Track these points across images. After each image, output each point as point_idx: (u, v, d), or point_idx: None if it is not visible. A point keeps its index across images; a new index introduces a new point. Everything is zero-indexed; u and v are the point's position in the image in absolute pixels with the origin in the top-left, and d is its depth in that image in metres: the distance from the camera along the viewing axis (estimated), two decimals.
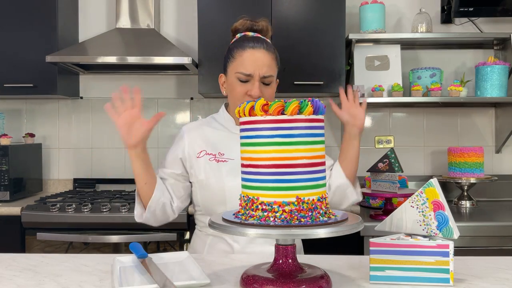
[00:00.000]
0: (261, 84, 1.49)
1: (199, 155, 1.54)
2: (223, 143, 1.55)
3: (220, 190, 1.50)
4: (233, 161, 1.51)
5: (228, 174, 1.50)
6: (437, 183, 1.12)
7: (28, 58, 2.81)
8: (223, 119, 1.60)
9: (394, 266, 1.10)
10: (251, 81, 1.49)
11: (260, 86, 1.48)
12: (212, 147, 1.55)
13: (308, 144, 1.02)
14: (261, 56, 1.49)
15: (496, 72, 2.78)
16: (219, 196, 1.50)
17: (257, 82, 1.48)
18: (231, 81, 1.52)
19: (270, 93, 1.52)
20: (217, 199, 1.51)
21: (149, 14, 2.97)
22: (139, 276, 1.16)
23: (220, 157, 1.53)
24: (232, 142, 1.52)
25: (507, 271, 1.22)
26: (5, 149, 2.71)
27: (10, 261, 1.34)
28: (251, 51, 1.49)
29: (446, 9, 3.06)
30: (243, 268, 1.17)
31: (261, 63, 1.48)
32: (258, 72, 1.48)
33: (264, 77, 1.49)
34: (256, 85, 1.48)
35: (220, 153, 1.54)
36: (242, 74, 1.49)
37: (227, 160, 1.52)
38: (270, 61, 1.50)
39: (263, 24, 1.57)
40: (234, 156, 1.51)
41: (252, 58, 1.48)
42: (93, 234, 2.46)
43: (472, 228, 2.34)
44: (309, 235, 0.97)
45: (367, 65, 2.94)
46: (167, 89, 3.19)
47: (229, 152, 1.53)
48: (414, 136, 3.16)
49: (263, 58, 1.49)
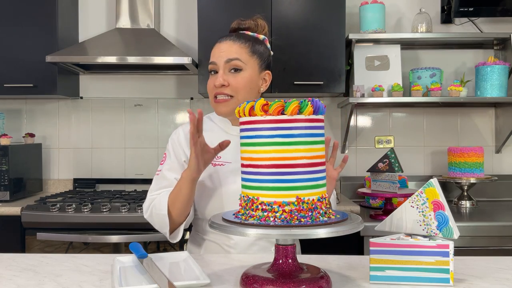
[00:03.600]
0: (228, 72, 1.45)
1: None
2: None
3: (217, 195, 1.47)
4: (230, 165, 1.48)
5: (225, 179, 1.46)
6: (437, 183, 1.12)
7: (28, 58, 2.81)
8: (219, 119, 1.56)
9: (394, 266, 1.10)
10: (218, 71, 1.46)
11: (224, 74, 1.45)
12: None
13: (308, 144, 1.02)
14: (226, 46, 1.46)
15: (496, 72, 2.78)
16: (216, 202, 1.47)
17: (221, 70, 1.45)
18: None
19: (239, 81, 1.44)
20: (214, 205, 1.47)
21: (149, 14, 2.97)
22: (139, 276, 1.16)
23: (217, 160, 1.49)
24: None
25: (507, 271, 1.22)
26: (5, 149, 2.71)
27: (10, 261, 1.34)
28: (217, 45, 1.49)
29: (446, 9, 3.06)
30: (243, 268, 1.17)
31: (225, 51, 1.45)
32: (221, 58, 1.45)
33: (229, 59, 1.44)
34: (219, 73, 1.45)
35: (217, 156, 1.48)
36: (210, 63, 1.48)
37: (224, 163, 1.49)
38: (237, 48, 1.45)
39: (249, 22, 1.55)
40: (231, 159, 1.48)
41: (217, 49, 1.47)
42: (93, 234, 2.46)
43: (472, 228, 2.34)
44: (309, 235, 0.97)
45: (367, 65, 2.94)
46: (167, 89, 3.19)
47: (226, 155, 1.48)
48: (414, 136, 3.16)
49: (228, 47, 1.46)
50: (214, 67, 1.47)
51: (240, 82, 1.45)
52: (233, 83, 1.44)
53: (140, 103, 3.18)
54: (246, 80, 1.46)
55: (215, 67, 1.47)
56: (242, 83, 1.45)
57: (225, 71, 1.45)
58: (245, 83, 1.45)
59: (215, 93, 1.46)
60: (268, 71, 1.53)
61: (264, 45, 1.52)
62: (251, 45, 1.47)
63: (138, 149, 3.18)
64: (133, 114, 3.18)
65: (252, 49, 1.47)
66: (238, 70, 1.45)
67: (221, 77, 1.44)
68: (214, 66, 1.47)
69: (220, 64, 1.45)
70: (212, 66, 1.48)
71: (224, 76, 1.44)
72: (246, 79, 1.45)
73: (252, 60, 1.47)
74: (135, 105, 3.18)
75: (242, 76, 1.45)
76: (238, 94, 1.45)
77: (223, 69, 1.45)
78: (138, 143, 3.19)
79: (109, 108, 3.18)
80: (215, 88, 1.45)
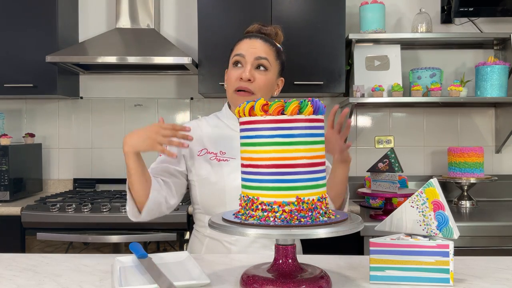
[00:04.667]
0: (254, 69, 1.47)
1: (199, 153, 1.53)
2: (225, 142, 1.53)
3: (220, 191, 1.48)
4: (235, 161, 1.49)
5: (229, 174, 1.48)
6: (437, 183, 1.12)
7: (28, 58, 2.81)
8: (226, 117, 1.59)
9: (394, 266, 1.10)
10: (244, 65, 1.47)
11: (252, 70, 1.47)
12: (214, 145, 1.53)
13: (308, 144, 1.02)
14: (257, 43, 1.49)
15: (496, 72, 2.78)
16: (219, 196, 1.48)
17: (249, 65, 1.47)
18: (229, 71, 1.52)
19: (263, 80, 1.48)
20: (217, 200, 1.49)
21: (149, 14, 2.97)
22: (139, 276, 1.16)
23: (222, 156, 1.51)
24: (234, 141, 1.50)
25: (507, 271, 1.22)
26: (5, 149, 2.71)
27: (10, 261, 1.34)
28: (246, 40, 1.51)
29: (446, 9, 3.06)
30: (243, 268, 1.17)
31: (257, 48, 1.48)
32: (252, 54, 1.47)
33: (259, 57, 1.47)
34: (247, 68, 1.46)
35: (221, 151, 1.51)
36: (236, 55, 1.49)
37: (228, 159, 1.50)
38: (266, 48, 1.49)
39: (271, 29, 1.57)
40: (236, 155, 1.49)
41: (247, 44, 1.49)
42: (93, 234, 2.46)
43: (472, 228, 2.34)
44: (309, 235, 0.97)
45: (367, 65, 2.94)
46: (167, 89, 3.19)
47: (230, 151, 1.51)
48: (414, 136, 3.16)
49: (259, 45, 1.48)
50: (241, 59, 1.48)
51: (264, 81, 1.48)
52: (258, 81, 1.47)
53: (140, 103, 3.18)
54: (269, 81, 1.50)
55: (242, 59, 1.48)
56: (265, 82, 1.49)
57: (252, 66, 1.47)
58: (267, 84, 1.49)
59: (238, 86, 1.48)
60: (282, 78, 1.59)
61: (283, 54, 1.58)
62: (276, 50, 1.53)
63: None
64: (133, 114, 3.18)
65: (277, 54, 1.53)
66: (264, 69, 1.49)
67: (248, 72, 1.46)
68: (242, 58, 1.48)
69: (249, 59, 1.47)
70: (239, 58, 1.48)
71: (251, 71, 1.47)
72: (268, 80, 1.50)
73: (275, 64, 1.52)
74: (135, 105, 3.18)
75: (266, 76, 1.49)
76: (258, 92, 1.48)
77: (251, 64, 1.47)
78: None
79: (109, 108, 3.18)
80: (240, 81, 1.47)
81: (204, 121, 1.61)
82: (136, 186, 1.38)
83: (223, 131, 1.56)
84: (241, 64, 1.49)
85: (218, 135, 1.56)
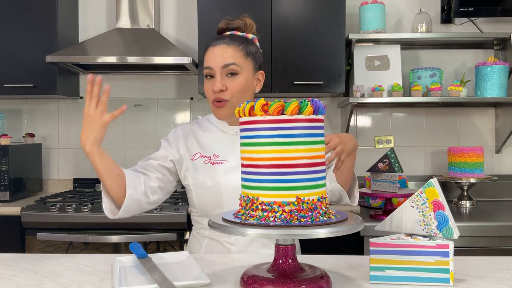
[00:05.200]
0: (225, 77, 1.45)
1: (193, 158, 1.52)
2: (218, 145, 1.53)
3: (217, 193, 1.48)
4: (229, 163, 1.49)
5: (224, 176, 1.48)
6: (437, 183, 1.12)
7: (28, 58, 2.81)
8: (216, 120, 1.57)
9: (394, 266, 1.10)
10: (215, 76, 1.45)
11: (223, 79, 1.45)
12: (207, 149, 1.52)
13: (308, 144, 1.02)
14: (221, 50, 1.45)
15: (496, 72, 2.78)
16: (216, 199, 1.48)
17: (218, 75, 1.45)
18: (204, 84, 1.51)
19: (236, 86, 1.45)
20: (214, 202, 1.48)
21: (149, 14, 2.97)
22: (139, 276, 1.16)
23: (215, 159, 1.51)
24: (227, 143, 1.51)
25: (507, 271, 1.22)
26: (5, 149, 2.71)
27: (10, 261, 1.34)
28: (211, 49, 1.47)
29: (446, 9, 3.06)
30: (243, 268, 1.17)
31: (220, 55, 1.45)
32: (218, 64, 1.44)
33: (225, 65, 1.44)
34: (217, 79, 1.44)
35: (215, 155, 1.51)
36: (205, 68, 1.47)
37: (222, 162, 1.50)
38: (232, 52, 1.45)
39: (239, 21, 1.54)
40: (230, 157, 1.49)
41: (211, 55, 1.46)
42: (93, 234, 2.46)
43: (472, 228, 2.34)
44: (309, 235, 0.97)
45: (367, 65, 2.94)
46: (167, 89, 3.19)
47: (224, 154, 1.51)
48: (414, 136, 3.16)
49: (223, 51, 1.45)
50: (210, 72, 1.47)
51: (237, 86, 1.45)
52: (230, 88, 1.45)
53: (140, 103, 3.18)
54: (243, 83, 1.47)
55: (211, 72, 1.47)
56: (239, 87, 1.46)
57: (222, 76, 1.45)
58: (242, 87, 1.46)
59: (214, 98, 1.46)
60: (262, 71, 1.54)
61: (255, 45, 1.53)
62: (244, 47, 1.48)
63: (138, 149, 3.18)
64: (133, 114, 3.18)
65: (245, 51, 1.47)
66: (234, 74, 1.46)
67: (219, 83, 1.44)
68: (210, 71, 1.47)
69: (216, 70, 1.45)
70: (208, 71, 1.47)
71: (222, 81, 1.44)
72: (242, 82, 1.46)
73: (246, 63, 1.47)
74: (135, 105, 3.18)
75: (239, 80, 1.46)
76: (234, 98, 1.45)
77: (220, 74, 1.45)
78: (138, 143, 3.19)
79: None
80: (214, 93, 1.46)
81: (196, 125, 1.60)
82: (108, 183, 1.40)
83: (215, 134, 1.55)
84: (212, 75, 1.47)
85: (210, 138, 1.54)
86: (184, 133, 1.57)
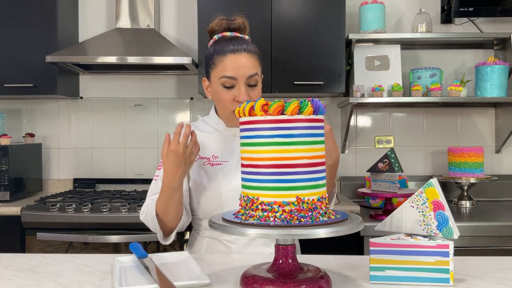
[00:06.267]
0: (247, 87, 1.42)
1: None
2: (216, 146, 1.52)
3: (217, 195, 1.47)
4: (228, 164, 1.48)
5: (224, 178, 1.47)
6: (437, 183, 1.12)
7: (28, 58, 2.81)
8: (214, 121, 1.56)
9: (394, 266, 1.10)
10: (236, 86, 1.40)
11: (246, 89, 1.41)
12: (206, 150, 1.51)
13: (308, 144, 1.02)
14: (244, 60, 1.40)
15: (496, 72, 2.78)
16: (216, 200, 1.47)
17: (243, 86, 1.40)
18: (216, 89, 1.44)
19: (257, 94, 1.44)
20: (214, 204, 1.47)
21: (149, 14, 2.97)
22: (139, 276, 1.16)
23: (214, 160, 1.50)
24: (226, 144, 1.51)
25: (507, 271, 1.22)
26: (5, 149, 2.71)
27: (10, 261, 1.34)
28: (232, 56, 1.41)
29: (446, 9, 3.06)
30: (243, 268, 1.17)
31: (246, 66, 1.41)
32: (243, 75, 1.40)
33: (250, 76, 1.41)
34: (242, 90, 1.40)
35: (214, 156, 1.50)
36: (226, 77, 1.40)
37: (221, 163, 1.49)
38: (253, 61, 1.42)
39: (239, 22, 1.51)
40: (229, 158, 1.49)
41: (234, 64, 1.40)
42: (93, 234, 2.46)
43: (472, 228, 2.34)
44: (309, 235, 0.97)
45: (367, 65, 2.94)
46: (167, 89, 3.19)
47: (222, 155, 1.50)
48: (414, 136, 3.16)
49: (245, 62, 1.40)
50: (232, 82, 1.41)
51: (258, 94, 1.45)
52: (253, 97, 1.42)
53: (140, 103, 3.18)
54: (260, 92, 1.47)
55: (233, 82, 1.41)
56: (258, 95, 1.45)
57: (245, 86, 1.42)
58: (260, 95, 1.45)
59: (234, 107, 1.40)
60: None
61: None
62: (258, 53, 1.46)
63: (138, 149, 3.18)
64: (133, 114, 3.18)
65: (259, 58, 1.46)
66: (255, 84, 1.44)
67: (245, 94, 1.40)
68: (233, 81, 1.41)
69: (241, 80, 1.41)
70: (230, 81, 1.41)
71: (247, 91, 1.41)
72: (260, 91, 1.46)
73: (260, 69, 1.47)
74: (135, 105, 3.18)
75: (258, 90, 1.45)
76: None
77: (244, 85, 1.41)
78: (138, 143, 3.19)
79: (109, 108, 3.18)
80: (236, 103, 1.40)
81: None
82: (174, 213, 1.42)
83: (213, 135, 1.54)
84: (233, 85, 1.42)
85: (208, 140, 1.53)
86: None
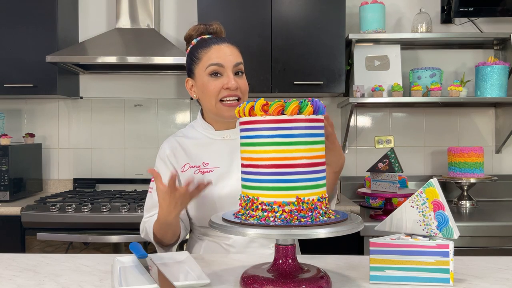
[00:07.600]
0: (234, 75, 1.45)
1: (183, 169, 1.49)
2: (205, 153, 1.50)
3: (211, 202, 1.46)
4: (219, 169, 1.47)
5: (216, 184, 1.45)
6: (437, 183, 1.12)
7: (28, 58, 2.81)
8: (202, 126, 1.55)
9: (394, 266, 1.10)
10: (224, 73, 1.44)
11: (234, 77, 1.45)
12: (195, 158, 1.50)
13: (308, 144, 1.02)
14: (228, 50, 1.45)
15: (496, 72, 2.78)
16: (210, 208, 1.46)
17: (230, 73, 1.44)
18: (202, 82, 1.46)
19: (244, 83, 1.47)
20: (208, 211, 1.44)
21: (149, 14, 2.97)
22: (139, 276, 1.16)
23: (205, 167, 1.48)
24: (215, 150, 1.49)
25: (507, 271, 1.22)
26: (5, 149, 2.71)
27: (10, 261, 1.34)
28: (216, 47, 1.45)
29: (446, 9, 3.06)
30: (243, 268, 1.17)
31: (232, 55, 1.45)
32: (230, 62, 1.44)
33: (237, 64, 1.45)
34: (231, 76, 1.44)
35: (204, 163, 1.48)
36: (213, 64, 1.43)
37: (212, 169, 1.48)
38: (236, 52, 1.47)
39: (216, 26, 1.54)
40: (219, 163, 1.48)
41: (220, 53, 1.44)
42: (93, 234, 2.46)
43: (472, 228, 2.34)
44: (309, 235, 0.97)
45: (367, 65, 2.94)
46: (167, 89, 3.19)
47: (213, 161, 1.49)
48: (414, 136, 3.16)
49: (230, 51, 1.46)
50: (219, 70, 1.44)
51: (245, 85, 1.49)
52: (242, 86, 1.46)
53: (140, 103, 3.18)
54: (246, 82, 1.50)
55: (220, 69, 1.44)
56: (246, 86, 1.49)
57: (232, 74, 1.45)
58: (247, 86, 1.50)
59: (223, 96, 1.44)
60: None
61: None
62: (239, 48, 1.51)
63: (138, 149, 3.18)
64: (133, 114, 3.18)
65: (241, 52, 1.51)
66: (241, 73, 1.48)
67: (233, 80, 1.43)
68: (220, 68, 1.44)
69: (228, 67, 1.44)
70: (217, 68, 1.44)
71: (236, 79, 1.45)
72: (246, 81, 1.50)
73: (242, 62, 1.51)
74: (135, 105, 3.18)
75: (245, 80, 1.49)
76: (244, 97, 1.47)
77: (232, 72, 1.45)
78: (138, 143, 3.19)
79: (109, 108, 3.18)
80: (225, 91, 1.44)
81: (181, 136, 1.57)
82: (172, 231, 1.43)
83: (202, 141, 1.53)
84: (220, 73, 1.45)
85: (197, 146, 1.51)
86: (171, 148, 1.53)
